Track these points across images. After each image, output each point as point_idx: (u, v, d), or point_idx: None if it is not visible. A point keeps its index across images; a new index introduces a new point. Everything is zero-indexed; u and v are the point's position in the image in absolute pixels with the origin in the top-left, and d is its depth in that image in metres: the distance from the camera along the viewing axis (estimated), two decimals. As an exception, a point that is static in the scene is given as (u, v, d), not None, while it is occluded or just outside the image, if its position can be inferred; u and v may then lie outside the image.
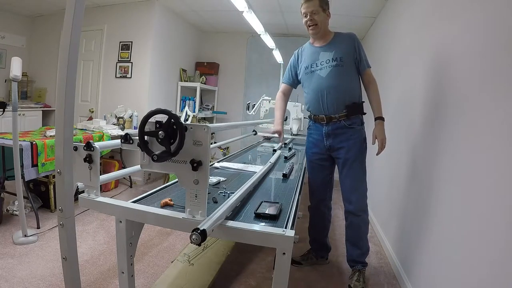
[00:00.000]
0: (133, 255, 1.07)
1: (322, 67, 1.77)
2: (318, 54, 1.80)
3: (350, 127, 1.77)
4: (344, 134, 1.78)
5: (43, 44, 4.31)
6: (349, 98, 1.76)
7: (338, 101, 1.75)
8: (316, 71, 1.80)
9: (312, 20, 1.73)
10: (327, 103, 1.77)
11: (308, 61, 1.85)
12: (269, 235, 0.88)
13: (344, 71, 1.74)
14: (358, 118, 1.80)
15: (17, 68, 1.97)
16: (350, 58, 1.75)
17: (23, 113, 3.82)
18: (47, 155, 2.42)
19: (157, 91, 3.97)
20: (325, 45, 1.80)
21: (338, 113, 1.76)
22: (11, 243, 2.09)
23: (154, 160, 0.81)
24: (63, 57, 0.82)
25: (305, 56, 1.90)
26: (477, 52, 1.26)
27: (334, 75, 1.74)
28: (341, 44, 1.77)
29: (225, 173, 1.66)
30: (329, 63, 1.75)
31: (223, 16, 4.17)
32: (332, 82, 1.74)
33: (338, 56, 1.74)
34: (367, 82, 1.80)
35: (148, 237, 2.35)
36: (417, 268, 1.69)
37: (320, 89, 1.77)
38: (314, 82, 1.81)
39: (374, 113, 1.78)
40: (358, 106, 1.79)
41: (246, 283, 1.85)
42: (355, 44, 1.76)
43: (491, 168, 1.08)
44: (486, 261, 1.05)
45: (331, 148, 1.83)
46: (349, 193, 1.82)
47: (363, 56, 1.78)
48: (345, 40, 1.78)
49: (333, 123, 1.79)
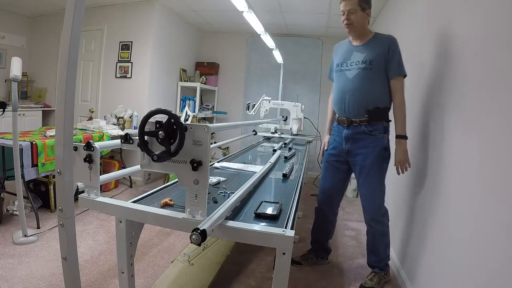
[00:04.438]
0: (133, 255, 1.07)
1: (351, 68, 1.72)
2: (351, 53, 1.75)
3: (371, 134, 1.70)
4: (363, 140, 1.71)
5: (43, 44, 4.31)
6: (372, 103, 1.68)
7: (359, 104, 1.69)
8: (344, 71, 1.75)
9: (348, 20, 1.67)
10: (349, 106, 1.71)
11: (340, 58, 1.79)
12: (269, 235, 0.88)
13: (371, 75, 1.66)
14: (381, 125, 1.71)
15: (17, 68, 1.97)
16: (380, 62, 1.66)
17: (23, 113, 3.82)
18: (47, 155, 2.42)
19: (157, 91, 3.97)
20: (360, 45, 1.73)
21: (359, 117, 1.70)
22: (11, 243, 2.09)
23: (154, 160, 0.81)
24: (63, 57, 0.81)
25: (340, 52, 1.84)
26: (478, 52, 1.25)
27: (360, 78, 1.68)
28: (375, 47, 1.68)
29: (225, 173, 1.66)
30: (358, 65, 1.69)
31: (223, 16, 4.17)
32: (356, 85, 1.68)
33: (368, 58, 1.66)
34: (392, 92, 1.70)
35: (148, 237, 2.35)
36: (419, 272, 1.67)
37: (344, 90, 1.73)
38: (341, 82, 1.76)
39: (395, 130, 1.68)
40: (382, 112, 1.70)
41: (246, 283, 1.85)
42: (390, 48, 1.65)
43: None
44: (492, 268, 1.02)
45: (349, 153, 1.78)
46: (364, 202, 1.80)
47: (395, 62, 1.66)
48: (381, 42, 1.69)
49: (354, 127, 1.73)
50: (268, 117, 3.13)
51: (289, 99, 3.40)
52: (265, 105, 3.06)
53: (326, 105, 4.97)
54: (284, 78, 4.41)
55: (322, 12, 3.67)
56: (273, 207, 1.09)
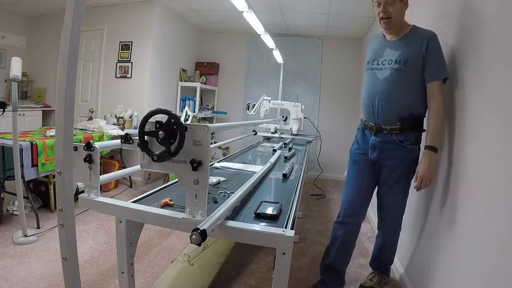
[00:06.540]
0: (133, 255, 1.07)
1: (383, 68, 1.49)
2: (384, 49, 1.52)
3: (401, 145, 1.49)
4: (392, 151, 1.52)
5: (43, 44, 4.31)
6: (405, 110, 1.47)
7: (391, 111, 1.48)
8: (375, 70, 1.53)
9: (385, 12, 1.42)
10: (378, 111, 1.51)
11: (372, 55, 1.58)
12: (269, 235, 0.88)
13: (406, 77, 1.44)
14: (414, 135, 1.50)
15: (17, 68, 1.97)
16: (416, 63, 1.42)
17: (23, 113, 3.82)
18: (47, 155, 2.42)
19: (157, 91, 3.97)
20: (395, 41, 1.50)
21: (390, 124, 1.49)
22: (11, 243, 2.09)
23: (154, 160, 0.81)
24: (63, 57, 0.81)
25: (372, 47, 1.61)
26: (480, 52, 1.25)
27: (392, 80, 1.46)
28: (412, 43, 1.44)
29: (225, 173, 1.66)
30: (390, 64, 1.47)
31: (223, 16, 4.17)
32: (387, 88, 1.47)
33: (403, 58, 1.43)
34: (429, 96, 1.44)
35: (148, 237, 2.35)
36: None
37: (373, 93, 1.52)
38: (370, 83, 1.56)
39: (427, 139, 1.44)
40: (416, 121, 1.49)
41: (246, 283, 1.85)
42: (427, 46, 1.40)
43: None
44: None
45: (375, 163, 1.59)
46: (383, 213, 1.68)
47: (433, 63, 1.41)
48: (418, 38, 1.43)
49: (383, 135, 1.52)
50: (268, 117, 3.13)
51: (289, 99, 3.40)
52: (265, 105, 3.06)
53: (326, 105, 4.98)
54: (284, 78, 4.42)
55: (322, 12, 3.67)
56: (273, 207, 1.09)
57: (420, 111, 1.50)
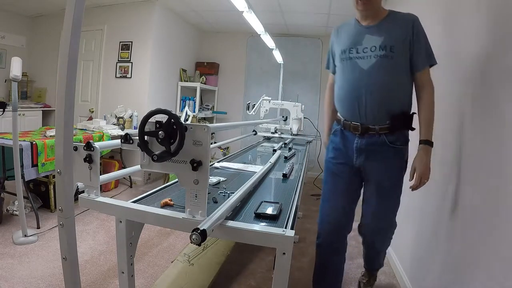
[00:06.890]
0: (133, 255, 1.07)
1: (365, 56, 1.29)
2: (363, 36, 1.32)
3: (392, 145, 1.32)
4: (381, 153, 1.33)
5: (43, 44, 4.31)
6: (397, 106, 1.30)
7: (381, 107, 1.29)
8: (356, 60, 1.31)
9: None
10: (366, 108, 1.30)
11: (347, 43, 1.36)
12: (269, 235, 0.88)
13: (393, 65, 1.26)
14: (403, 134, 1.35)
15: (17, 68, 1.97)
16: (403, 49, 1.26)
17: (23, 113, 3.82)
18: (47, 155, 2.42)
19: (157, 91, 3.97)
20: (374, 26, 1.32)
21: (379, 123, 1.30)
22: (11, 243, 2.09)
23: (154, 160, 0.81)
24: (63, 57, 0.81)
25: (345, 35, 1.40)
26: (479, 52, 1.25)
27: (380, 70, 1.27)
28: (395, 28, 1.28)
29: (225, 173, 1.66)
30: (374, 51, 1.27)
31: (223, 16, 4.17)
32: (377, 79, 1.27)
33: (388, 44, 1.25)
34: (419, 86, 1.31)
35: (148, 237, 2.35)
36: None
37: (358, 86, 1.30)
38: (350, 74, 1.33)
39: (420, 133, 1.29)
40: (407, 119, 1.33)
41: (246, 283, 1.85)
42: (413, 30, 1.25)
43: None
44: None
45: (361, 170, 1.40)
46: (373, 223, 1.50)
47: (422, 48, 1.26)
48: (401, 22, 1.28)
49: (370, 136, 1.32)
50: (268, 117, 3.13)
51: (289, 99, 3.40)
52: (265, 105, 3.06)
53: (326, 105, 4.96)
54: (284, 78, 4.42)
55: (322, 12, 3.67)
56: (273, 207, 1.09)
57: (409, 106, 1.36)
